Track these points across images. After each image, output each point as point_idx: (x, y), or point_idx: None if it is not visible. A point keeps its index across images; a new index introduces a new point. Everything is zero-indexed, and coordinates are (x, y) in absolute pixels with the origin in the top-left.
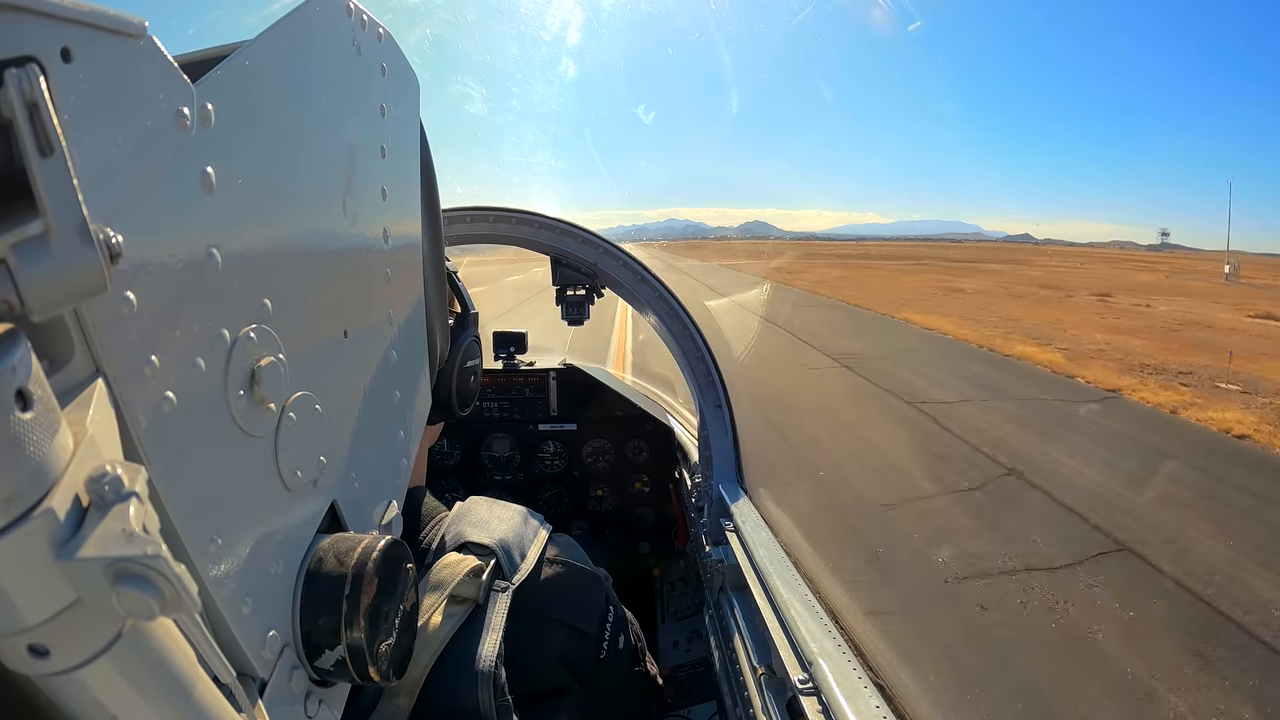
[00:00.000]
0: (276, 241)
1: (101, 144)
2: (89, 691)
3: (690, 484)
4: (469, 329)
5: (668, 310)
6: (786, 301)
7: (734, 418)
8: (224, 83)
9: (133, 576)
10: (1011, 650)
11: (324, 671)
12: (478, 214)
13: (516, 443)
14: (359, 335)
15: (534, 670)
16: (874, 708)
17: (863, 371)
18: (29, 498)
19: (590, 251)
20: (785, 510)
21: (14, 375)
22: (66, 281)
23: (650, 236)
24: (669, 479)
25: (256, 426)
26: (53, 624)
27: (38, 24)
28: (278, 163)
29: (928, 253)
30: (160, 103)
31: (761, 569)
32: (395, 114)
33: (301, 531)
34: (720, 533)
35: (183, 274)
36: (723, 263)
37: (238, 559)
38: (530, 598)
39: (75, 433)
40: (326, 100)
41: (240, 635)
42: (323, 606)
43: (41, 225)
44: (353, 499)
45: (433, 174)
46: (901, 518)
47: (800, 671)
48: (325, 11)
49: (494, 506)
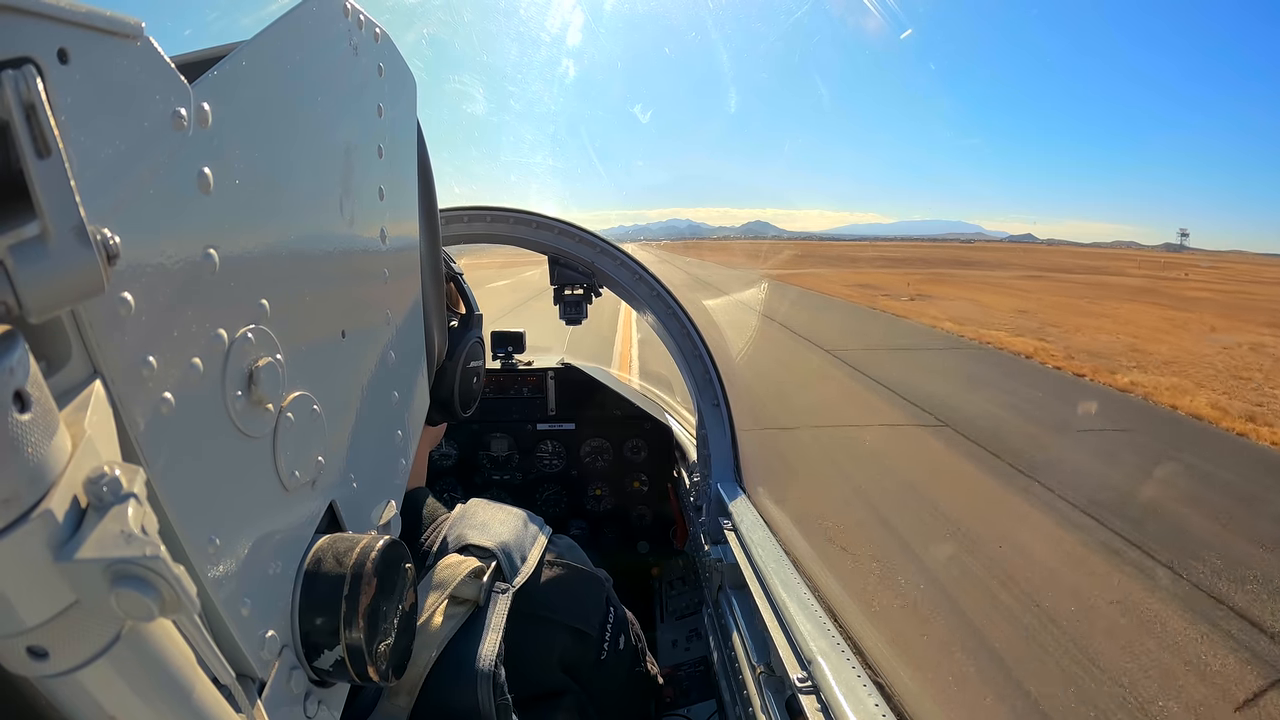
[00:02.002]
0: (274, 242)
1: (98, 145)
2: (88, 693)
3: (688, 483)
4: (472, 330)
5: (665, 309)
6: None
7: (732, 416)
8: (221, 83)
9: (131, 578)
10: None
11: (323, 672)
12: (475, 214)
13: (515, 442)
14: (357, 335)
15: (534, 671)
16: (872, 706)
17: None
18: (27, 499)
19: (588, 251)
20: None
21: (11, 377)
22: (64, 282)
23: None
24: (667, 478)
25: (254, 427)
26: (51, 626)
27: (34, 25)
28: (275, 163)
29: (999, 257)
30: (157, 103)
31: (760, 568)
32: (392, 114)
33: (300, 532)
34: (719, 532)
35: (180, 275)
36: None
37: (236, 560)
38: (531, 599)
39: (73, 434)
40: (323, 100)
41: (239, 636)
42: (321, 607)
43: (39, 226)
44: (351, 499)
45: (430, 174)
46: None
47: (799, 670)
48: (322, 12)
49: (495, 509)
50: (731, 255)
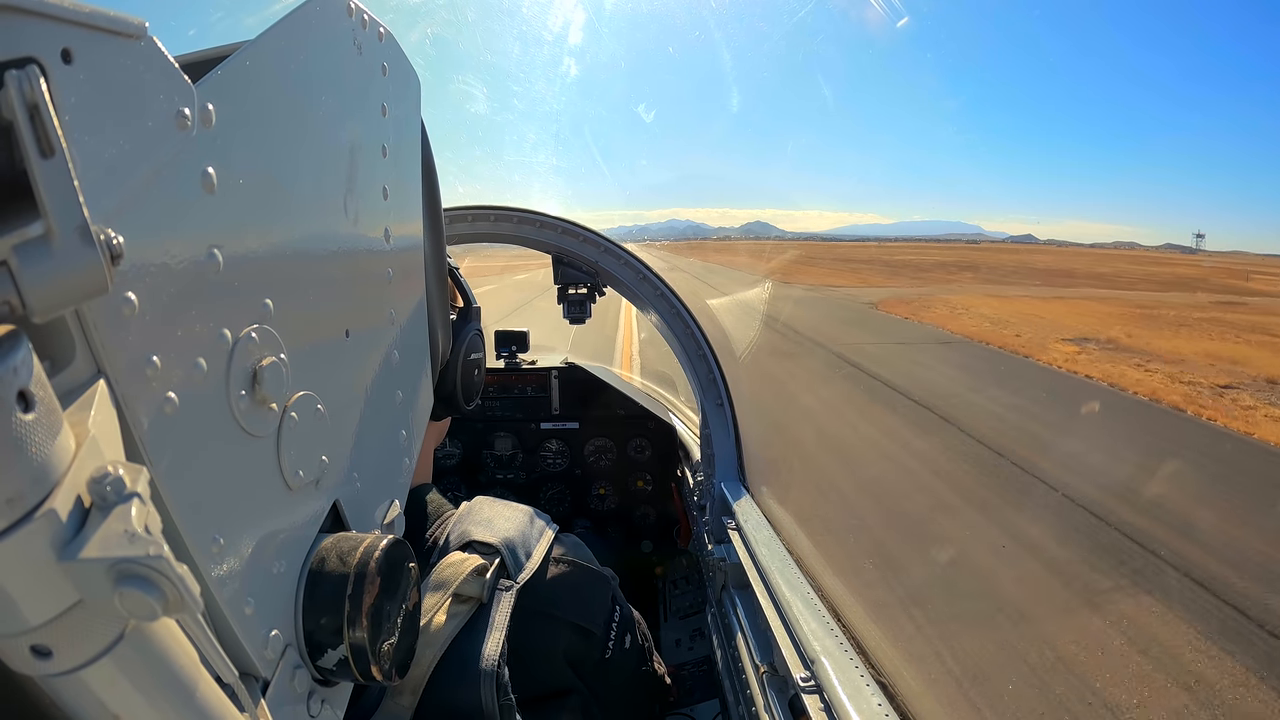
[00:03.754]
0: (278, 241)
1: (102, 145)
2: (92, 692)
3: (692, 482)
4: (471, 323)
5: (669, 308)
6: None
7: (736, 416)
8: (225, 83)
9: (135, 577)
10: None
11: (327, 671)
12: (479, 213)
13: (518, 441)
14: (361, 335)
15: (539, 670)
16: (875, 706)
17: None
18: (31, 499)
19: (591, 250)
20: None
21: (16, 376)
22: (68, 283)
23: (651, 237)
24: (671, 477)
25: (258, 426)
26: (55, 625)
27: (38, 25)
28: (279, 163)
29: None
30: (161, 103)
31: (763, 567)
32: (396, 113)
33: (304, 531)
34: (722, 531)
35: (184, 274)
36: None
37: (240, 559)
38: (536, 597)
39: (77, 434)
40: (327, 100)
41: (243, 635)
42: (325, 606)
43: (43, 226)
44: (355, 498)
45: (434, 173)
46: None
47: (802, 670)
48: (326, 11)
49: (500, 506)
50: (757, 259)
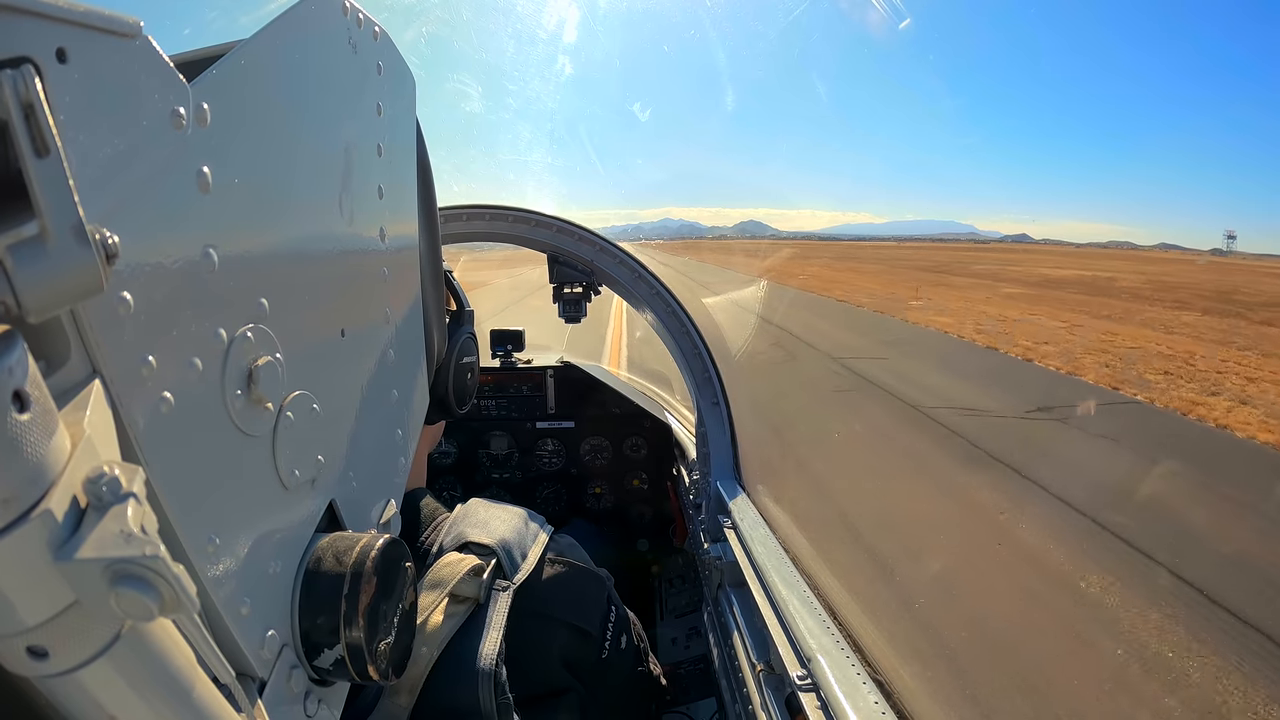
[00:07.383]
0: (273, 241)
1: (97, 144)
2: (88, 692)
3: (688, 481)
4: (464, 326)
5: (665, 307)
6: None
7: (731, 414)
8: (220, 82)
9: (131, 577)
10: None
11: (323, 671)
12: (474, 212)
13: (514, 441)
14: (356, 334)
15: (535, 670)
16: (872, 704)
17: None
18: (26, 499)
19: (587, 249)
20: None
21: (10, 376)
22: (63, 282)
23: (645, 236)
24: (667, 476)
25: (254, 426)
26: (51, 625)
27: (32, 24)
28: (274, 162)
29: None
30: (156, 103)
31: (760, 565)
32: (391, 112)
33: (300, 531)
34: (718, 529)
35: (179, 274)
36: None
37: (236, 559)
38: (532, 597)
39: (72, 434)
40: (322, 99)
41: (239, 635)
42: (321, 606)
43: (37, 226)
44: (351, 498)
45: (429, 172)
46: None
47: (799, 668)
48: (320, 10)
49: (495, 508)
50: (787, 264)
